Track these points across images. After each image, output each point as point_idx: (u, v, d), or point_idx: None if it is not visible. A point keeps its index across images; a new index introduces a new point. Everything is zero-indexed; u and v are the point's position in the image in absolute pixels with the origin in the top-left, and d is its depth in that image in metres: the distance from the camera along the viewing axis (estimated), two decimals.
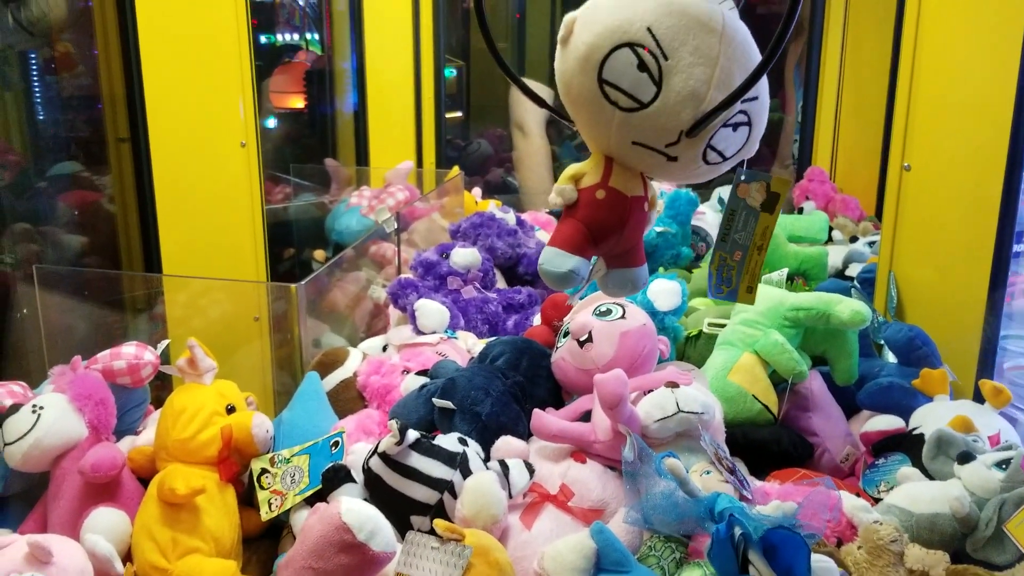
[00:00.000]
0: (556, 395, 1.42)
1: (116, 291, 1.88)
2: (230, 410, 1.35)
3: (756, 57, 0.86)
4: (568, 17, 0.86)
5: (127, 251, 2.03)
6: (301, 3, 4.49)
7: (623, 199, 0.90)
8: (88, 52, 2.12)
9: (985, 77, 1.47)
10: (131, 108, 1.89)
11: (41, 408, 1.27)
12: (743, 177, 0.99)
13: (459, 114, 3.87)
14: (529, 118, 3.43)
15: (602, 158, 0.90)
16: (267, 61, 3.44)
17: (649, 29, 0.80)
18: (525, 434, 1.32)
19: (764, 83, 0.86)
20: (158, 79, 1.83)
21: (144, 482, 1.27)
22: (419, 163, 3.23)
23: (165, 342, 1.51)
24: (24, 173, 2.33)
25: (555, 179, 2.88)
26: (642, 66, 0.79)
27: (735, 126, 0.84)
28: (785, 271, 1.69)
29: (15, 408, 1.28)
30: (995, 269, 1.47)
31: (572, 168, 0.95)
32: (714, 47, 0.81)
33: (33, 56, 2.28)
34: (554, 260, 0.88)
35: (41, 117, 2.42)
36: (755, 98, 0.85)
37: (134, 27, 1.79)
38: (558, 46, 0.86)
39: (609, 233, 0.90)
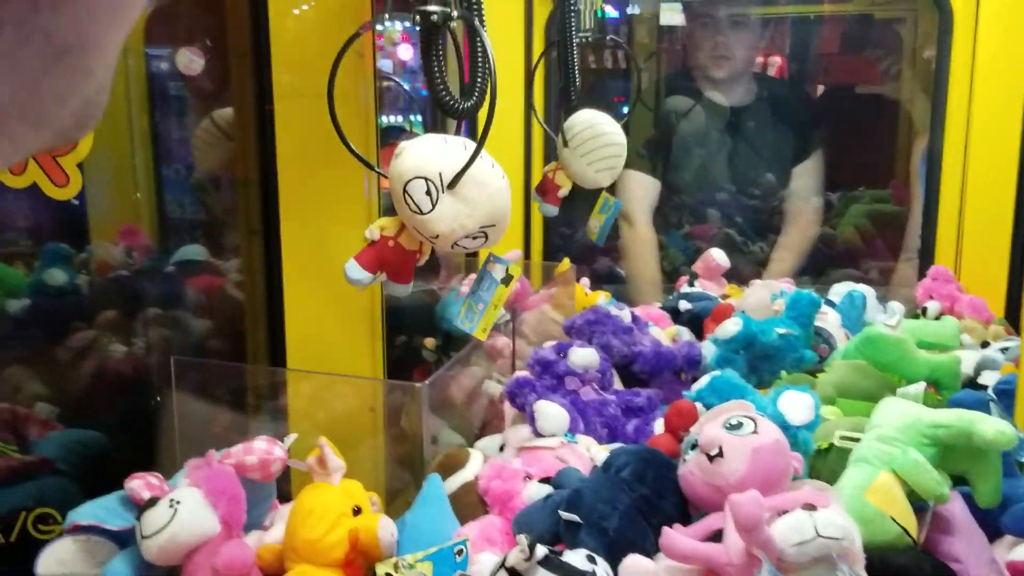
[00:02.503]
0: (683, 509, 1.39)
1: (242, 381, 1.94)
2: (356, 511, 1.36)
3: (502, 199, 1.38)
4: (400, 145, 1.36)
5: (253, 338, 2.08)
6: (407, 87, 4.66)
7: (403, 250, 1.41)
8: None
9: None
10: (265, 199, 1.97)
11: (178, 503, 1.30)
12: (491, 258, 1.55)
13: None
14: (635, 207, 3.43)
15: (400, 223, 1.39)
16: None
17: (440, 172, 1.30)
18: (652, 551, 1.29)
19: (505, 210, 1.40)
20: (291, 167, 1.90)
21: None
22: (527, 252, 3.26)
23: (292, 437, 1.54)
24: (154, 257, 2.45)
25: (662, 269, 2.87)
26: (428, 192, 1.30)
27: (475, 237, 1.37)
28: (923, 385, 1.63)
29: (153, 501, 1.31)
30: None
31: (384, 219, 1.44)
32: (477, 194, 1.32)
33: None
34: (351, 270, 1.39)
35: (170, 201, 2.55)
36: (492, 225, 1.37)
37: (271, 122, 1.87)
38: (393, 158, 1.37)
39: (389, 265, 1.42)
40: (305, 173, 1.91)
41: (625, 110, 4.19)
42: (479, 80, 1.51)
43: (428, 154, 1.31)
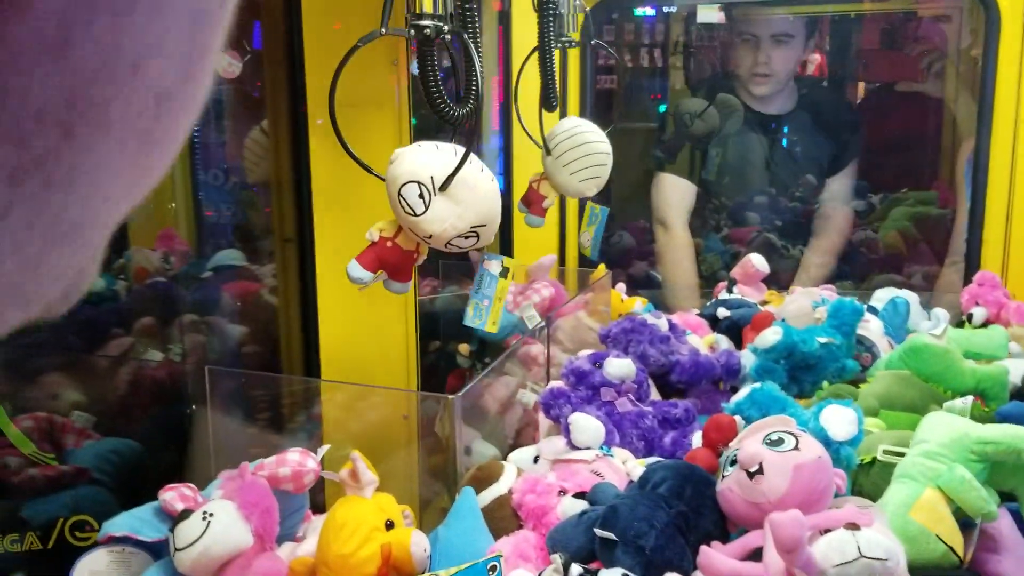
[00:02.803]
0: (721, 526, 1.36)
1: (276, 391, 1.93)
2: (389, 526, 1.35)
3: (491, 200, 1.44)
4: (395, 151, 1.45)
5: (287, 345, 2.08)
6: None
7: (401, 250, 1.49)
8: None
9: None
10: (299, 209, 1.96)
11: (211, 515, 1.30)
12: (485, 256, 1.66)
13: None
14: (672, 212, 3.39)
15: (398, 225, 1.47)
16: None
17: (432, 176, 1.38)
18: (690, 569, 1.26)
19: (495, 211, 1.45)
20: (326, 178, 1.89)
21: None
22: (562, 258, 3.23)
23: (325, 448, 1.53)
24: (191, 263, 2.46)
25: (700, 273, 2.83)
26: (421, 195, 1.38)
27: (467, 237, 1.43)
28: (970, 399, 1.58)
29: (186, 514, 1.31)
30: None
31: (383, 222, 1.51)
32: (468, 196, 1.40)
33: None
34: (353, 269, 1.48)
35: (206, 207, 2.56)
36: (483, 225, 1.43)
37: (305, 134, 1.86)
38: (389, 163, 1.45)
39: (388, 265, 1.50)
40: (339, 180, 1.91)
41: (663, 109, 4.15)
42: (474, 88, 1.61)
43: (421, 159, 1.40)
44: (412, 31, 1.59)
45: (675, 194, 3.39)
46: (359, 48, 1.64)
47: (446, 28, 1.58)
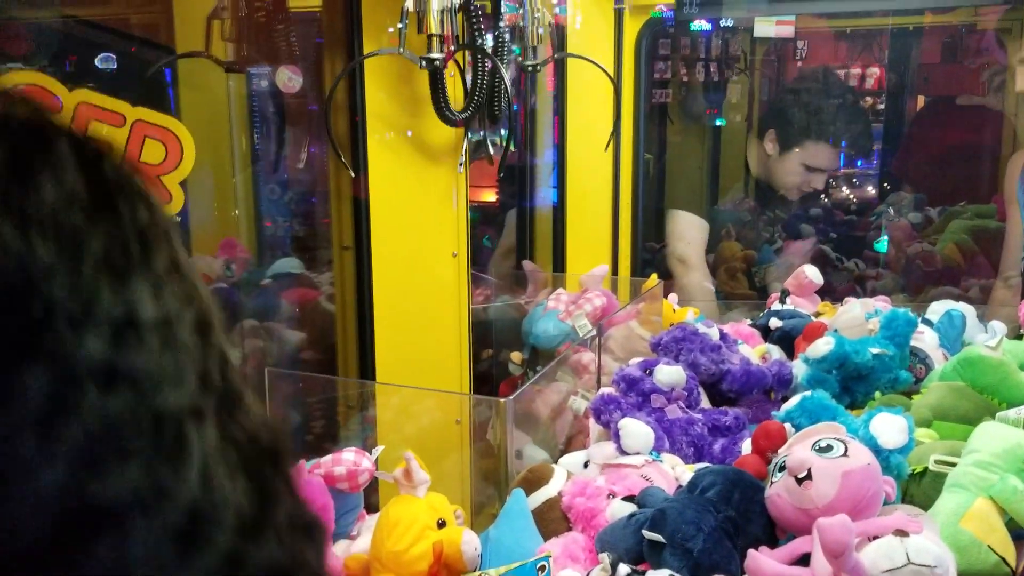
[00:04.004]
0: (770, 532, 1.36)
1: (333, 393, 1.98)
2: (441, 524, 1.38)
3: None
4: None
5: (343, 350, 2.13)
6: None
7: None
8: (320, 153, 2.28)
9: None
10: (356, 218, 2.02)
11: None
12: None
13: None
14: (691, 251, 3.39)
15: None
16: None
17: None
18: (737, 573, 1.27)
19: None
20: (383, 188, 1.94)
21: None
22: (614, 267, 3.25)
23: (380, 448, 1.57)
24: (251, 270, 2.53)
25: (753, 286, 2.81)
26: None
27: None
28: (1023, 409, 1.57)
29: None
30: None
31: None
32: None
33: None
34: None
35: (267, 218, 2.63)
36: None
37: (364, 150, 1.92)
38: None
39: None
40: (395, 190, 1.96)
41: (718, 123, 4.15)
42: (476, 98, 1.89)
43: None
44: (423, 63, 1.80)
45: (691, 231, 3.40)
46: (356, 63, 1.84)
47: (453, 50, 1.80)
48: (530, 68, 2.42)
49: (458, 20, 1.85)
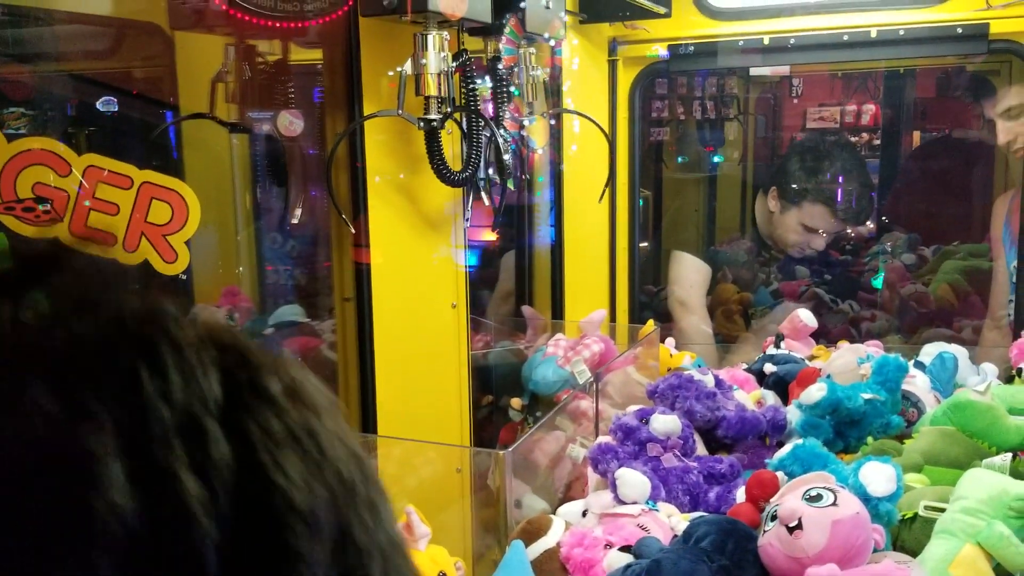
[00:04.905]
0: None
1: None
2: None
3: None
4: None
5: (344, 402, 2.16)
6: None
7: None
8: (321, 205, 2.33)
9: None
10: (357, 270, 2.06)
11: None
12: None
13: (645, 244, 3.90)
14: (692, 294, 3.43)
15: None
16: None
17: None
18: None
19: None
20: (383, 243, 1.99)
21: None
22: (612, 313, 3.29)
23: None
24: (253, 320, 2.57)
25: (748, 327, 2.86)
26: None
27: None
28: (1009, 456, 1.60)
29: None
30: None
31: None
32: None
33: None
34: None
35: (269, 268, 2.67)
36: None
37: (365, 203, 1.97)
38: None
39: None
40: (396, 243, 2.01)
41: (716, 159, 4.22)
42: (474, 156, 1.94)
43: None
44: (421, 124, 1.84)
45: (693, 274, 3.44)
46: (355, 126, 1.88)
47: (450, 111, 1.83)
48: (525, 122, 2.48)
49: (455, 81, 1.91)
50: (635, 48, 3.16)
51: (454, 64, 1.86)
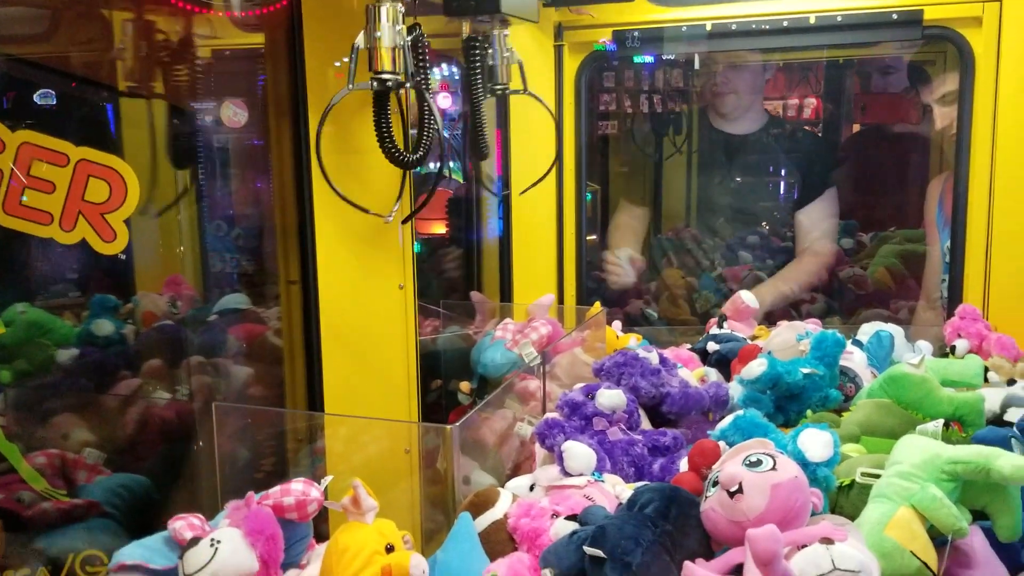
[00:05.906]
0: (706, 545, 1.42)
1: (281, 425, 2.00)
2: (389, 549, 1.41)
3: None
4: None
5: (291, 383, 2.15)
6: (447, 134, 4.77)
7: None
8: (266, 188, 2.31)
9: None
10: (303, 252, 2.05)
11: (218, 542, 1.36)
12: None
13: (593, 237, 3.94)
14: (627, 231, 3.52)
15: None
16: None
17: None
18: None
19: None
20: (327, 222, 1.98)
21: None
22: (560, 296, 3.31)
23: (328, 478, 1.59)
24: (198, 307, 2.54)
25: (695, 311, 2.91)
26: None
27: None
28: (940, 422, 1.65)
29: (195, 541, 1.38)
30: None
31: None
32: None
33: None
34: None
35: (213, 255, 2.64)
36: None
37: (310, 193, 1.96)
38: None
39: None
40: (341, 224, 2.00)
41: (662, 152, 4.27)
42: (425, 137, 1.86)
43: None
44: (375, 83, 1.77)
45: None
46: (334, 104, 1.82)
47: (408, 84, 1.77)
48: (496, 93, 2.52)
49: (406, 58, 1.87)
50: (581, 33, 3.18)
51: (408, 39, 1.83)
